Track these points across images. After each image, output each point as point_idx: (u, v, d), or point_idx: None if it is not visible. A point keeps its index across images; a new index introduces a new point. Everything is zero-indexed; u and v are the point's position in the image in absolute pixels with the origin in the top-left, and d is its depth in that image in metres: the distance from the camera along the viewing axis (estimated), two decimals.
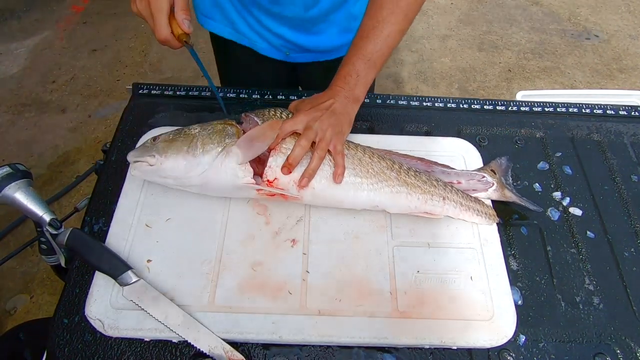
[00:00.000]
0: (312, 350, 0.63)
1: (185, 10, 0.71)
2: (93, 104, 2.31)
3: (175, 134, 0.72)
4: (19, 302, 1.63)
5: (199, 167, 0.68)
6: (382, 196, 0.72)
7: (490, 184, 0.77)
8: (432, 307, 0.65)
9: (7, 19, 2.72)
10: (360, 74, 0.74)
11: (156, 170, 0.70)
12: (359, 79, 0.75)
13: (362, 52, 0.74)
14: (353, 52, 0.75)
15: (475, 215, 0.74)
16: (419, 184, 0.73)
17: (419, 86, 2.47)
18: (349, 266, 0.68)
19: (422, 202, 0.72)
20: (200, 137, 0.70)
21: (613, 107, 0.95)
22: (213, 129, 0.72)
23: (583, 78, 2.52)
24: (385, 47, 0.75)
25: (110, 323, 0.62)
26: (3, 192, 0.66)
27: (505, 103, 0.95)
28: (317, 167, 0.70)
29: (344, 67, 0.76)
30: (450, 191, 0.74)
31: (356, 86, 0.75)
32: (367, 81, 0.76)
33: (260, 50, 1.02)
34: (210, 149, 0.69)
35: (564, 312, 0.68)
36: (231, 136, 0.71)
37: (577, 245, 0.75)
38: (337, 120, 0.72)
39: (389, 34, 0.74)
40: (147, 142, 0.73)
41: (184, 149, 0.69)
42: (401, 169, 0.74)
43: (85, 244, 0.66)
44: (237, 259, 0.68)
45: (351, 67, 0.75)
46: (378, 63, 0.75)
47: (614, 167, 0.85)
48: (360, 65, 0.74)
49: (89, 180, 0.88)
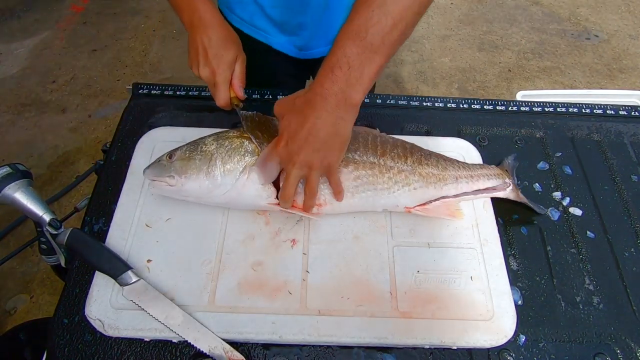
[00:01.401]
0: (312, 350, 0.63)
1: (243, 79, 0.78)
2: (93, 104, 2.31)
3: (192, 150, 0.70)
4: (19, 302, 1.63)
5: (222, 187, 0.67)
6: (400, 197, 0.72)
7: (508, 184, 0.78)
8: (432, 307, 0.65)
9: (7, 19, 2.71)
10: (352, 63, 0.53)
11: (177, 190, 0.69)
12: (351, 71, 0.53)
13: (352, 29, 0.53)
14: (343, 29, 0.55)
15: (487, 180, 0.76)
16: (433, 171, 0.73)
17: (419, 86, 2.47)
18: (349, 266, 0.68)
19: (438, 189, 0.73)
20: (219, 155, 0.68)
21: (613, 107, 0.95)
22: (231, 146, 0.69)
23: (583, 78, 2.52)
24: (385, 16, 0.52)
25: (110, 323, 0.62)
26: (3, 192, 0.66)
27: (505, 103, 0.95)
28: (312, 203, 0.66)
29: (332, 53, 0.55)
30: (459, 168, 0.75)
31: (348, 85, 0.54)
32: (364, 74, 0.54)
33: (274, 44, 1.02)
34: (231, 169, 0.68)
35: (564, 312, 0.68)
36: (251, 153, 0.69)
37: (577, 245, 0.75)
38: (324, 153, 0.59)
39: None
40: (163, 159, 0.70)
41: (203, 169, 0.67)
42: (414, 160, 0.73)
43: (85, 244, 0.66)
44: (237, 259, 0.68)
45: (340, 53, 0.54)
46: (376, 44, 0.52)
47: (614, 167, 0.85)
48: (351, 48, 0.53)
49: (89, 180, 0.88)
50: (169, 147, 0.80)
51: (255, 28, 1.00)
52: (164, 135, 0.83)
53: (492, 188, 0.77)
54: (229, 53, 0.75)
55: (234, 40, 0.78)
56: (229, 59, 0.75)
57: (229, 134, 0.72)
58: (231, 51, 0.76)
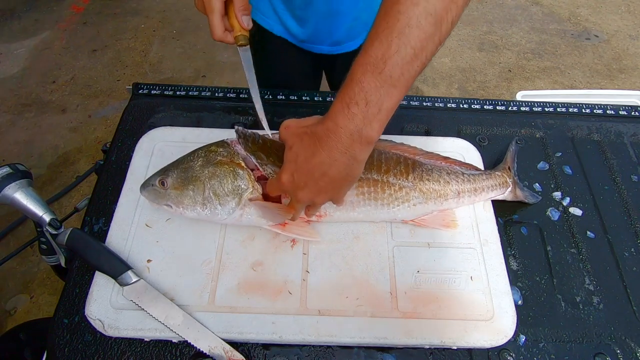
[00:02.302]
0: (312, 350, 0.63)
1: (244, 6, 0.64)
2: (93, 104, 2.31)
3: (182, 177, 0.68)
4: (19, 302, 1.63)
5: (220, 216, 0.68)
6: (399, 212, 0.72)
7: (508, 186, 0.77)
8: (432, 307, 0.65)
9: (7, 19, 2.71)
10: (369, 98, 0.48)
11: (177, 215, 0.70)
12: (369, 107, 0.48)
13: (370, 61, 0.48)
14: (359, 60, 0.50)
15: (491, 191, 0.75)
16: (434, 187, 0.72)
17: (419, 86, 2.47)
18: (349, 266, 0.68)
19: (438, 205, 0.73)
20: (211, 187, 0.67)
21: (613, 107, 0.96)
22: (222, 174, 0.67)
23: (583, 78, 2.52)
24: (406, 46, 0.47)
25: (110, 323, 0.62)
26: (3, 192, 0.66)
27: (505, 103, 0.95)
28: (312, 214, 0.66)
29: (347, 88, 0.50)
30: (463, 182, 0.74)
31: (365, 123, 0.49)
32: (382, 109, 0.49)
33: (283, 34, 0.99)
34: (225, 201, 0.67)
35: (564, 312, 0.68)
36: (245, 185, 0.67)
37: (577, 245, 0.75)
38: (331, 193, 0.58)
39: (410, 20, 0.46)
40: (156, 185, 0.68)
41: (198, 200, 0.67)
42: (415, 176, 0.72)
43: (85, 244, 0.66)
44: (237, 259, 0.68)
45: (357, 88, 0.49)
46: (396, 75, 0.48)
47: (614, 167, 0.85)
48: (369, 82, 0.48)
49: (89, 180, 0.88)
50: (169, 147, 0.81)
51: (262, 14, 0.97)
52: (164, 135, 0.83)
53: (492, 190, 0.77)
54: None
55: None
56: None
57: (217, 157, 0.68)
58: None
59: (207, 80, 2.42)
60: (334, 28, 0.95)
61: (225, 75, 2.46)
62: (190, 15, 2.75)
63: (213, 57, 2.54)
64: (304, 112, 0.91)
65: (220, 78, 2.44)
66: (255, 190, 0.68)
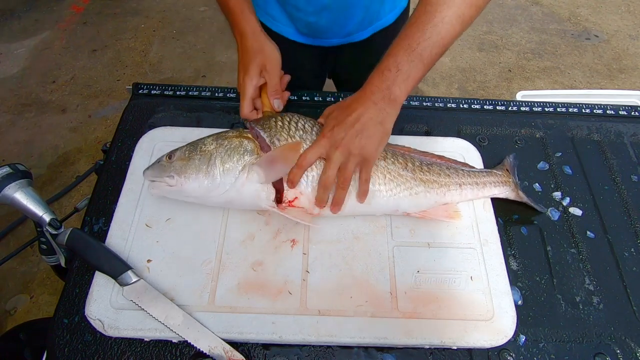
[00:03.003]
0: (312, 350, 0.63)
1: (276, 90, 0.78)
2: (93, 104, 2.31)
3: (191, 150, 0.70)
4: (19, 302, 1.63)
5: (221, 187, 0.67)
6: (401, 200, 0.72)
7: (510, 184, 0.78)
8: (432, 307, 0.65)
9: (7, 19, 2.72)
10: (401, 67, 0.63)
11: (177, 191, 0.69)
12: (400, 73, 0.63)
13: (406, 42, 0.63)
14: (397, 42, 0.65)
15: (494, 187, 0.76)
16: (434, 178, 0.73)
17: (419, 86, 2.46)
18: (349, 266, 0.68)
19: (440, 196, 0.73)
20: (218, 154, 0.68)
21: (613, 107, 0.95)
22: (230, 145, 0.69)
23: (583, 78, 2.52)
24: (437, 35, 0.62)
25: (110, 323, 0.62)
26: (3, 192, 0.66)
27: (505, 103, 0.95)
28: (343, 196, 0.68)
29: (384, 61, 0.65)
30: (464, 175, 0.75)
31: (395, 83, 0.63)
32: (410, 77, 0.64)
33: (290, 35, 1.01)
34: (230, 168, 0.67)
35: (564, 312, 0.68)
36: (250, 152, 0.69)
37: (577, 245, 0.75)
38: (365, 141, 0.64)
39: (443, 19, 0.62)
40: (163, 160, 0.70)
41: (202, 168, 0.67)
42: (415, 167, 0.73)
43: (85, 244, 0.66)
44: (237, 259, 0.68)
45: (391, 60, 0.63)
46: (425, 55, 0.63)
47: (614, 167, 0.85)
48: (402, 57, 0.63)
49: (89, 180, 0.88)
50: (169, 147, 0.80)
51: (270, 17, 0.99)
52: (164, 135, 0.83)
53: (494, 186, 0.77)
54: (253, 63, 0.77)
55: (264, 50, 0.78)
56: (252, 70, 0.77)
57: (228, 134, 0.72)
58: (255, 61, 0.77)
59: (207, 80, 2.42)
60: (347, 20, 0.96)
61: (225, 75, 2.46)
62: (190, 15, 2.75)
63: (213, 57, 2.54)
64: (304, 112, 0.91)
65: (220, 78, 2.44)
66: (259, 158, 0.68)
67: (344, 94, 0.94)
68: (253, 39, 0.78)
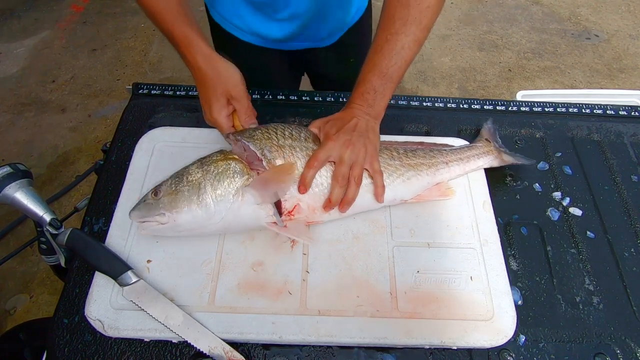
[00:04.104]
0: (312, 350, 0.63)
1: (249, 115, 0.76)
2: (93, 104, 2.31)
3: (177, 182, 0.67)
4: (19, 302, 1.63)
5: (217, 215, 0.65)
6: (396, 188, 0.73)
7: (492, 153, 0.81)
8: (432, 307, 0.65)
9: (7, 18, 2.71)
10: (377, 90, 0.73)
11: (170, 227, 0.66)
12: (377, 94, 0.73)
13: (377, 68, 0.72)
14: (368, 68, 0.74)
15: (478, 159, 0.79)
16: (421, 161, 0.76)
17: (419, 86, 2.46)
18: (349, 266, 0.68)
19: (431, 176, 0.75)
20: (207, 181, 0.65)
21: (613, 107, 0.95)
22: (217, 170, 0.67)
23: (583, 78, 2.51)
24: (401, 60, 0.72)
25: (110, 323, 0.62)
26: (3, 192, 0.66)
27: (505, 103, 0.95)
28: (356, 193, 0.69)
29: (360, 85, 0.74)
30: (448, 153, 0.78)
31: (375, 102, 0.73)
32: (386, 96, 0.74)
33: (259, 42, 1.00)
34: (222, 194, 0.65)
35: (564, 312, 0.68)
36: (240, 174, 0.67)
37: (577, 245, 0.75)
38: (367, 139, 0.71)
39: (404, 45, 0.72)
40: (149, 198, 0.67)
41: (194, 199, 0.65)
42: (401, 155, 0.76)
43: (85, 244, 0.66)
44: (237, 259, 0.68)
45: (368, 85, 0.73)
46: (395, 77, 0.73)
47: (614, 167, 0.85)
48: (376, 81, 0.73)
49: (89, 180, 0.88)
50: (169, 147, 0.81)
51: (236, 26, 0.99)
52: (164, 135, 0.83)
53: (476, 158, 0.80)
54: (217, 95, 0.73)
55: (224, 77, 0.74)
56: (219, 102, 0.73)
57: (212, 157, 0.69)
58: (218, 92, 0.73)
59: None
60: (319, 30, 0.98)
61: None
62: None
63: None
64: (304, 112, 0.91)
65: None
66: (250, 177, 0.67)
67: (344, 94, 0.94)
68: (209, 67, 0.73)
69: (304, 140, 0.71)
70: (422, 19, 0.72)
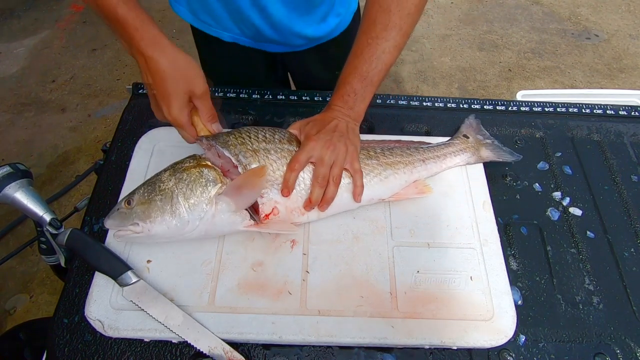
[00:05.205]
0: (312, 350, 0.63)
1: (212, 115, 0.71)
2: (93, 104, 2.31)
3: (150, 191, 0.65)
4: (19, 302, 1.63)
5: (190, 224, 0.64)
6: (374, 187, 0.73)
7: (469, 150, 0.81)
8: (432, 307, 0.65)
9: (7, 18, 2.71)
10: (357, 92, 0.74)
11: (145, 237, 0.65)
12: (357, 97, 0.74)
13: (358, 72, 0.73)
14: (349, 71, 0.75)
15: (455, 156, 0.80)
16: (398, 159, 0.76)
17: (419, 86, 2.46)
18: (349, 266, 0.68)
19: (408, 174, 0.76)
20: (179, 191, 0.64)
21: (613, 107, 0.95)
22: (190, 178, 0.65)
23: (583, 78, 2.51)
24: (381, 64, 0.73)
25: (110, 323, 0.62)
26: (3, 192, 0.66)
27: (505, 103, 0.95)
28: (334, 193, 0.69)
29: (341, 87, 0.75)
30: (425, 151, 0.79)
31: (355, 104, 0.74)
32: (366, 98, 0.75)
33: (245, 42, 0.98)
34: (195, 203, 0.64)
35: (564, 312, 0.68)
36: (213, 182, 0.65)
37: (577, 245, 0.75)
38: (348, 139, 0.71)
39: (384, 50, 0.73)
40: (122, 207, 0.65)
41: (167, 209, 0.63)
42: (378, 154, 0.76)
43: (85, 244, 0.66)
44: (237, 259, 0.68)
45: (348, 87, 0.74)
46: (375, 80, 0.74)
47: (614, 167, 0.85)
48: (357, 84, 0.74)
49: (89, 180, 0.88)
50: (168, 147, 0.81)
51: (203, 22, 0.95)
52: (164, 135, 0.83)
53: (453, 155, 0.81)
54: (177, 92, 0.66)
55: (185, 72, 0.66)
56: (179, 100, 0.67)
57: (184, 164, 0.67)
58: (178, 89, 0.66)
59: None
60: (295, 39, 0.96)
61: None
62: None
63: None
64: (304, 112, 0.91)
65: None
66: (224, 185, 0.66)
67: None
68: (164, 58, 0.65)
69: (278, 142, 0.71)
70: (403, 25, 0.73)
